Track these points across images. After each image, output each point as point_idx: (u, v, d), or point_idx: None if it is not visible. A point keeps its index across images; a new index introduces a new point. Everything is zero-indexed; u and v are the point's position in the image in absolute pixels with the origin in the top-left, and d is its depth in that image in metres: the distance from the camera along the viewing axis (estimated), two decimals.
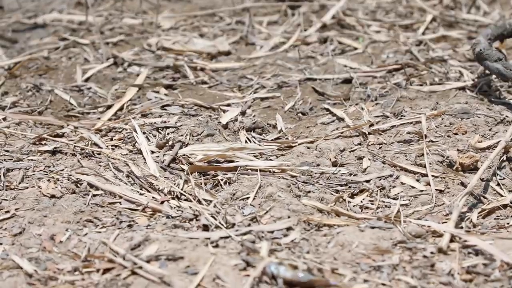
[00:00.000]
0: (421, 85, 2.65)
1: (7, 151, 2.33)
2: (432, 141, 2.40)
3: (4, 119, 2.50)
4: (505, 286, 1.89)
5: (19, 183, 2.21)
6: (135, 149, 2.39)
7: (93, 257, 1.94)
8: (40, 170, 2.26)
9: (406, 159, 2.35)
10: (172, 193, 2.18)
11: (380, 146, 2.41)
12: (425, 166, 2.30)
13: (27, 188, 2.19)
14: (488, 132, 2.44)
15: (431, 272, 1.93)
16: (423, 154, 2.35)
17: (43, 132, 2.43)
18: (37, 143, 2.38)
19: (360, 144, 2.42)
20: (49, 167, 2.28)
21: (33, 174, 2.24)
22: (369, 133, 2.45)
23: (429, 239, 2.04)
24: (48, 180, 2.21)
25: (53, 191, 2.17)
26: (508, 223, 2.11)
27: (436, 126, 2.45)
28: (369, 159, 2.35)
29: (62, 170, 2.26)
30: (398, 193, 2.23)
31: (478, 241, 2.00)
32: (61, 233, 2.04)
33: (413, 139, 2.42)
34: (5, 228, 2.06)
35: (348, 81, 2.69)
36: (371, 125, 2.48)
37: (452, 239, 2.03)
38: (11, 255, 1.95)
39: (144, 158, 2.33)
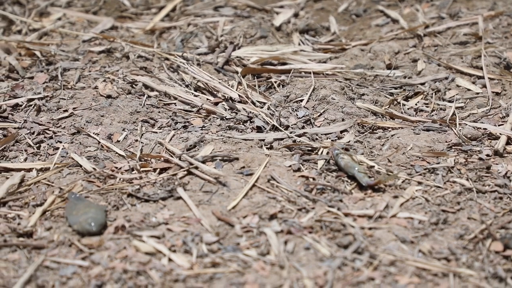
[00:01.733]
0: None
1: (63, 50, 2.34)
2: (489, 43, 2.36)
3: (60, 18, 2.51)
4: None
5: (76, 83, 2.22)
6: (189, 50, 2.39)
7: (149, 157, 1.96)
8: (96, 70, 2.27)
9: (462, 61, 2.32)
10: (226, 94, 2.19)
11: (436, 48, 2.38)
12: (481, 68, 2.27)
13: (83, 88, 2.21)
14: None
15: (487, 175, 1.93)
16: (479, 56, 2.32)
17: (98, 32, 2.43)
18: (92, 43, 2.39)
19: (415, 46, 2.39)
20: (104, 67, 2.29)
21: (89, 74, 2.26)
22: (424, 35, 2.42)
23: (485, 141, 2.03)
24: (104, 81, 2.23)
25: (110, 91, 2.19)
26: None
27: (493, 27, 2.41)
28: (424, 61, 2.33)
29: (117, 70, 2.27)
30: (454, 96, 2.21)
31: None
32: (118, 132, 2.07)
33: (470, 41, 2.39)
34: (64, 127, 2.08)
35: None
36: (427, 26, 2.45)
37: (509, 142, 2.02)
38: (71, 153, 1.98)
39: (198, 60, 2.33)
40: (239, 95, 2.17)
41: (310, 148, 2.01)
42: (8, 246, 1.72)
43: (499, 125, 2.08)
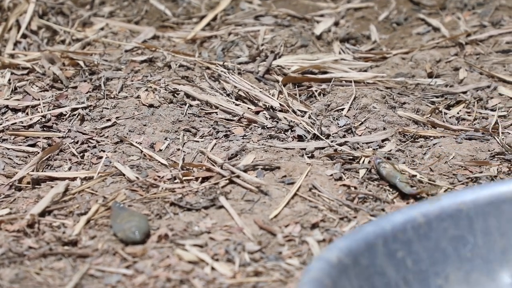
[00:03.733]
0: None
1: (106, 60, 2.37)
2: None
3: (102, 28, 2.53)
4: None
5: (119, 92, 2.24)
6: (230, 59, 2.40)
7: (191, 165, 1.97)
8: (138, 80, 2.29)
9: (505, 70, 2.31)
10: (267, 103, 2.20)
11: (478, 56, 2.37)
12: None
13: (126, 97, 2.23)
14: None
15: None
16: None
17: (140, 42, 2.45)
18: (134, 53, 2.41)
19: (456, 54, 2.39)
20: (146, 76, 2.30)
21: (132, 84, 2.28)
22: (466, 43, 2.41)
23: None
24: (146, 90, 2.24)
25: (152, 100, 2.20)
26: None
27: None
28: (465, 69, 2.32)
29: (159, 80, 2.28)
30: (496, 104, 2.20)
31: None
32: (160, 142, 2.08)
33: None
34: (107, 136, 2.10)
35: None
36: (468, 35, 2.44)
37: None
38: (114, 162, 2.00)
39: (239, 69, 2.34)
40: (280, 104, 2.18)
41: (351, 157, 2.01)
42: (53, 255, 1.74)
43: None
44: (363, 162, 1.99)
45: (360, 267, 1.45)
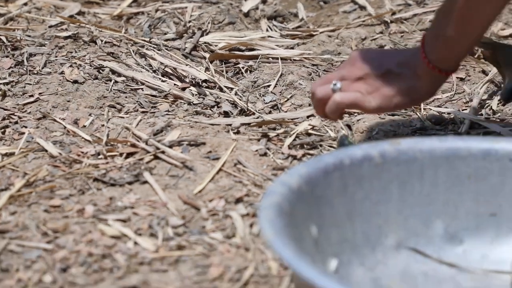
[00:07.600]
0: None
1: (29, 36, 2.34)
2: None
3: (26, 4, 2.50)
4: None
5: (42, 68, 2.22)
6: (157, 36, 2.39)
7: (116, 141, 1.96)
8: (62, 56, 2.27)
9: None
10: (193, 80, 2.19)
11: (402, 34, 2.40)
12: None
13: (50, 73, 2.21)
14: (511, 19, 2.42)
15: None
16: None
17: (65, 17, 2.42)
18: (59, 28, 2.38)
19: (381, 32, 2.41)
20: (71, 52, 2.28)
21: (56, 60, 2.25)
22: (391, 22, 2.44)
23: (449, 126, 2.05)
24: (71, 66, 2.22)
25: (76, 76, 2.18)
26: None
27: None
28: (390, 47, 2.35)
29: (84, 56, 2.26)
30: None
31: (498, 127, 2.01)
32: (84, 118, 2.06)
33: None
34: (30, 112, 2.08)
35: None
36: (393, 13, 2.46)
37: (472, 126, 2.04)
38: (36, 138, 1.97)
39: (165, 46, 2.33)
40: (206, 80, 2.18)
41: (276, 134, 2.01)
42: None
43: (463, 110, 2.11)
44: (289, 136, 2.00)
45: (314, 196, 1.48)
